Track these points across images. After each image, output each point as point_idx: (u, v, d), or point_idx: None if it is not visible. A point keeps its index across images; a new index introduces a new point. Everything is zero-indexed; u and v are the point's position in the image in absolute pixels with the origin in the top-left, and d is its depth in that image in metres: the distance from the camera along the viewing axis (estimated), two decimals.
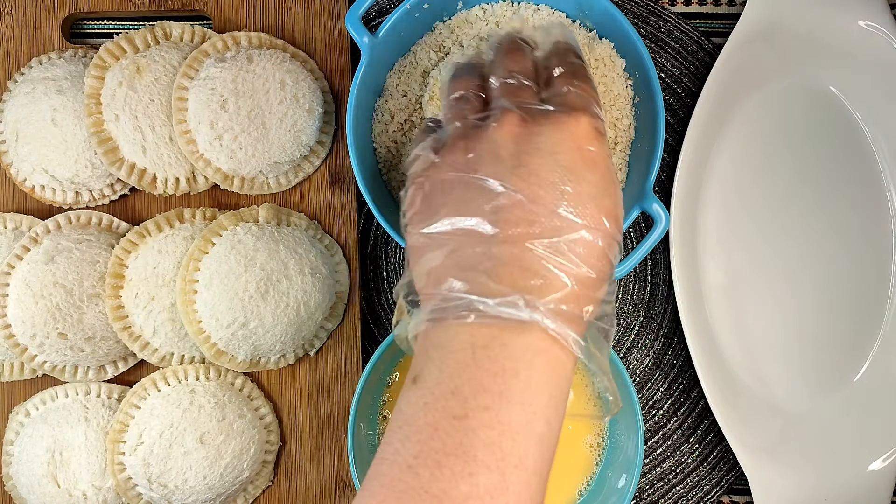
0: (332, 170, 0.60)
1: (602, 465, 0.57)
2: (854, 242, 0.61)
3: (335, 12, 0.60)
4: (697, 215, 0.60)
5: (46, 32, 0.60)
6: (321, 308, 0.57)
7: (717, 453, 0.62)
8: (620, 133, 0.54)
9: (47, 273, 0.55)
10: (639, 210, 0.51)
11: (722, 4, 0.63)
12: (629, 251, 0.62)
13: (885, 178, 0.61)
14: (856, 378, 0.61)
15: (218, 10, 0.60)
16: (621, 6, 0.61)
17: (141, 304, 0.56)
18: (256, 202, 0.59)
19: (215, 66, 0.56)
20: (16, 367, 0.58)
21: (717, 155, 0.61)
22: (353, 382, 0.59)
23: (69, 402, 0.57)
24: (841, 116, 0.61)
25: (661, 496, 0.62)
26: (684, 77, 0.62)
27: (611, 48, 0.54)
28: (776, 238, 0.61)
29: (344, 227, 0.60)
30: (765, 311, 0.61)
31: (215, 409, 0.56)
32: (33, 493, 0.56)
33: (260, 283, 0.55)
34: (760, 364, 0.60)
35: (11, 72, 0.59)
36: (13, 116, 0.57)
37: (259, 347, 0.56)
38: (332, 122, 0.60)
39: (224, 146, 0.56)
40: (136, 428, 0.56)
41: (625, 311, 0.62)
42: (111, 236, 0.58)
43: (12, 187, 0.59)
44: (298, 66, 0.58)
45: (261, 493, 0.59)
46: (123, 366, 0.58)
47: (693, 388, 0.62)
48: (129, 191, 0.59)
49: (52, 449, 0.56)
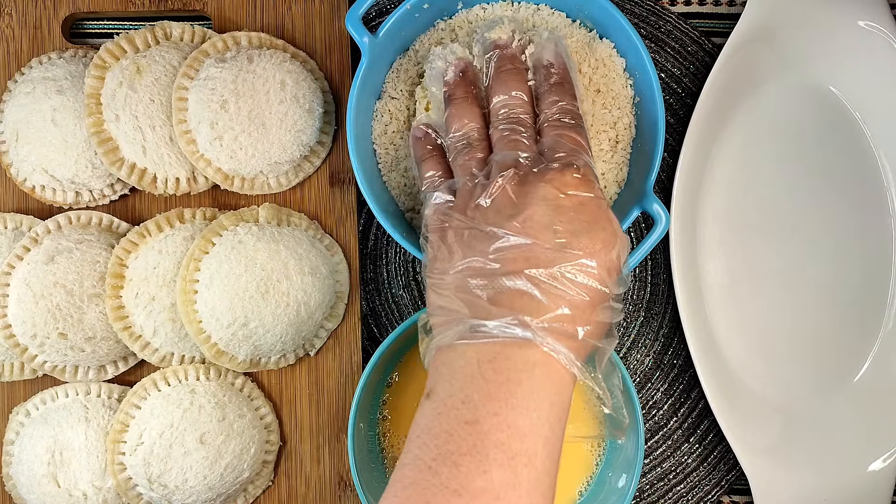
0: (332, 170, 0.60)
1: (602, 465, 0.57)
2: (854, 242, 0.61)
3: (335, 12, 0.60)
4: (697, 215, 0.60)
5: (46, 32, 0.60)
6: (321, 308, 0.57)
7: (717, 453, 0.62)
8: (621, 133, 0.54)
9: (47, 273, 0.55)
10: (639, 210, 0.51)
11: (722, 4, 0.63)
12: (629, 251, 0.62)
13: (886, 178, 0.61)
14: (856, 378, 0.61)
15: (218, 10, 0.60)
16: (621, 6, 0.61)
17: (141, 304, 0.56)
18: (257, 202, 0.59)
19: (215, 67, 0.56)
20: (16, 367, 0.58)
21: (717, 155, 0.61)
22: (353, 382, 0.59)
23: (69, 402, 0.57)
24: (841, 116, 0.61)
25: (661, 496, 0.62)
26: (684, 77, 0.62)
27: (611, 48, 0.54)
28: (776, 238, 0.61)
29: (344, 227, 0.60)
30: (765, 310, 0.61)
31: (215, 409, 0.56)
32: (33, 493, 0.56)
33: (260, 283, 0.55)
34: (760, 364, 0.60)
35: (11, 72, 0.59)
36: (13, 116, 0.57)
37: (259, 347, 0.56)
38: (332, 122, 0.60)
39: (224, 146, 0.56)
40: (137, 428, 0.56)
41: (625, 311, 0.62)
42: (111, 236, 0.58)
43: (12, 187, 0.59)
44: (298, 66, 0.58)
45: (261, 493, 0.59)
46: (124, 366, 0.58)
47: (693, 388, 0.62)
48: (130, 191, 0.59)
49: (52, 449, 0.56)
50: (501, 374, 0.39)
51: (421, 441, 0.39)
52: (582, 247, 0.41)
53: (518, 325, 0.40)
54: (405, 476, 0.39)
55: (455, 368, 0.40)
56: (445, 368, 0.41)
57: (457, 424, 0.39)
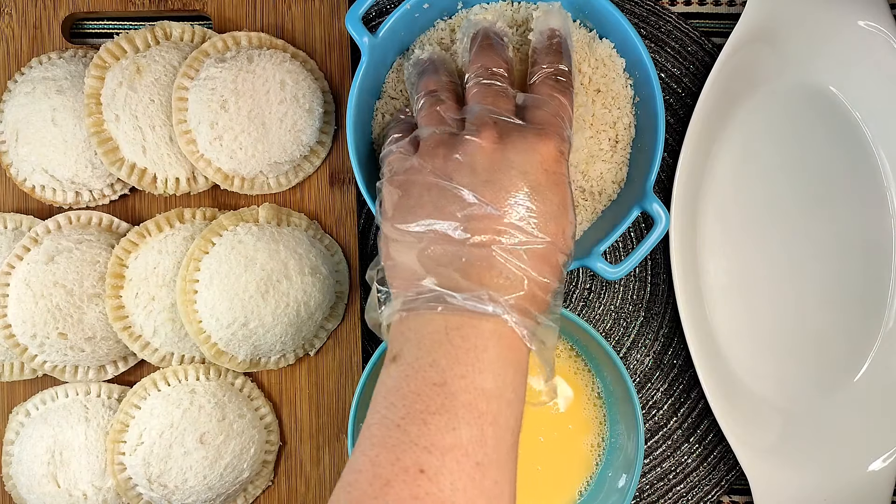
0: (332, 170, 0.60)
1: (602, 465, 0.57)
2: (854, 242, 0.61)
3: (335, 12, 0.60)
4: (697, 215, 0.60)
5: (46, 32, 0.60)
6: (321, 308, 0.57)
7: (717, 453, 0.62)
8: (621, 132, 0.54)
9: (47, 273, 0.55)
10: (639, 210, 0.51)
11: (722, 4, 0.63)
12: (629, 251, 0.62)
13: (886, 177, 0.61)
14: (856, 378, 0.61)
15: (218, 10, 0.60)
16: (621, 6, 0.61)
17: (141, 304, 0.56)
18: (256, 202, 0.59)
19: (215, 66, 0.56)
20: (16, 367, 0.58)
21: (717, 155, 0.61)
22: (353, 382, 0.59)
23: (69, 402, 0.57)
24: (841, 116, 0.61)
25: (661, 496, 0.62)
26: (684, 77, 0.62)
27: (611, 48, 0.54)
28: (776, 238, 0.61)
29: (344, 227, 0.60)
30: (765, 310, 0.61)
31: (215, 409, 0.56)
32: (33, 493, 0.56)
33: (260, 283, 0.55)
34: (760, 364, 0.60)
35: (11, 72, 0.59)
36: (13, 116, 0.57)
37: (259, 347, 0.56)
38: (332, 122, 0.60)
39: (224, 146, 0.56)
40: (136, 428, 0.56)
41: (625, 311, 0.62)
42: (111, 236, 0.58)
43: (12, 187, 0.59)
44: (298, 66, 0.58)
45: (261, 493, 0.59)
46: (123, 366, 0.58)
47: (693, 388, 0.62)
48: (129, 191, 0.59)
49: (52, 449, 0.56)
50: (468, 342, 0.40)
51: (388, 402, 0.40)
52: (550, 232, 0.42)
53: (488, 300, 0.40)
54: (373, 434, 0.39)
55: (423, 335, 0.41)
56: (412, 334, 0.41)
57: (425, 385, 0.39)
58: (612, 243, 0.60)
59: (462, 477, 0.38)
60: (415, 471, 0.37)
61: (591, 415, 0.57)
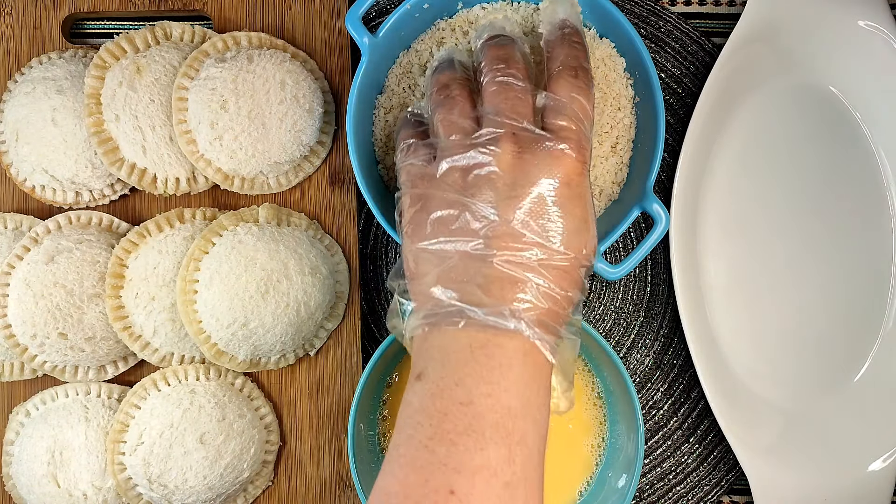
0: (332, 170, 0.60)
1: (602, 465, 0.57)
2: (854, 242, 0.61)
3: (335, 12, 0.60)
4: (697, 215, 0.60)
5: (46, 32, 0.60)
6: (321, 308, 0.57)
7: (717, 453, 0.62)
8: (621, 133, 0.54)
9: (47, 273, 0.55)
10: (639, 210, 0.51)
11: (722, 4, 0.63)
12: (629, 251, 0.62)
13: (886, 177, 0.61)
14: (856, 378, 0.61)
15: (218, 10, 0.60)
16: (621, 6, 0.61)
17: (141, 304, 0.56)
18: (256, 202, 0.59)
19: (215, 67, 0.56)
20: (16, 367, 0.58)
21: (717, 155, 0.61)
22: (353, 382, 0.59)
23: (69, 402, 0.57)
24: (841, 116, 0.61)
25: (661, 496, 0.62)
26: (684, 77, 0.62)
27: (611, 48, 0.54)
28: (776, 238, 0.61)
29: (344, 227, 0.60)
30: (765, 311, 0.61)
31: (215, 409, 0.56)
32: (33, 493, 0.56)
33: (260, 283, 0.55)
34: (760, 364, 0.60)
35: (11, 72, 0.59)
36: (13, 116, 0.57)
37: (259, 347, 0.56)
38: (332, 122, 0.60)
39: (224, 146, 0.56)
40: (137, 428, 0.56)
41: (625, 311, 0.62)
42: (111, 236, 0.58)
43: (12, 187, 0.59)
44: (298, 66, 0.58)
45: (261, 493, 0.59)
46: (123, 366, 0.58)
47: (693, 388, 0.62)
48: (129, 191, 0.59)
49: (52, 449, 0.56)
50: (493, 360, 0.40)
51: (414, 421, 0.40)
52: (573, 247, 0.42)
53: (510, 316, 0.40)
54: (401, 455, 0.39)
55: (447, 353, 0.41)
56: (436, 352, 0.41)
57: (451, 405, 0.39)
58: (613, 243, 0.60)
59: (492, 497, 0.38)
60: (445, 492, 0.37)
61: (591, 415, 0.57)
